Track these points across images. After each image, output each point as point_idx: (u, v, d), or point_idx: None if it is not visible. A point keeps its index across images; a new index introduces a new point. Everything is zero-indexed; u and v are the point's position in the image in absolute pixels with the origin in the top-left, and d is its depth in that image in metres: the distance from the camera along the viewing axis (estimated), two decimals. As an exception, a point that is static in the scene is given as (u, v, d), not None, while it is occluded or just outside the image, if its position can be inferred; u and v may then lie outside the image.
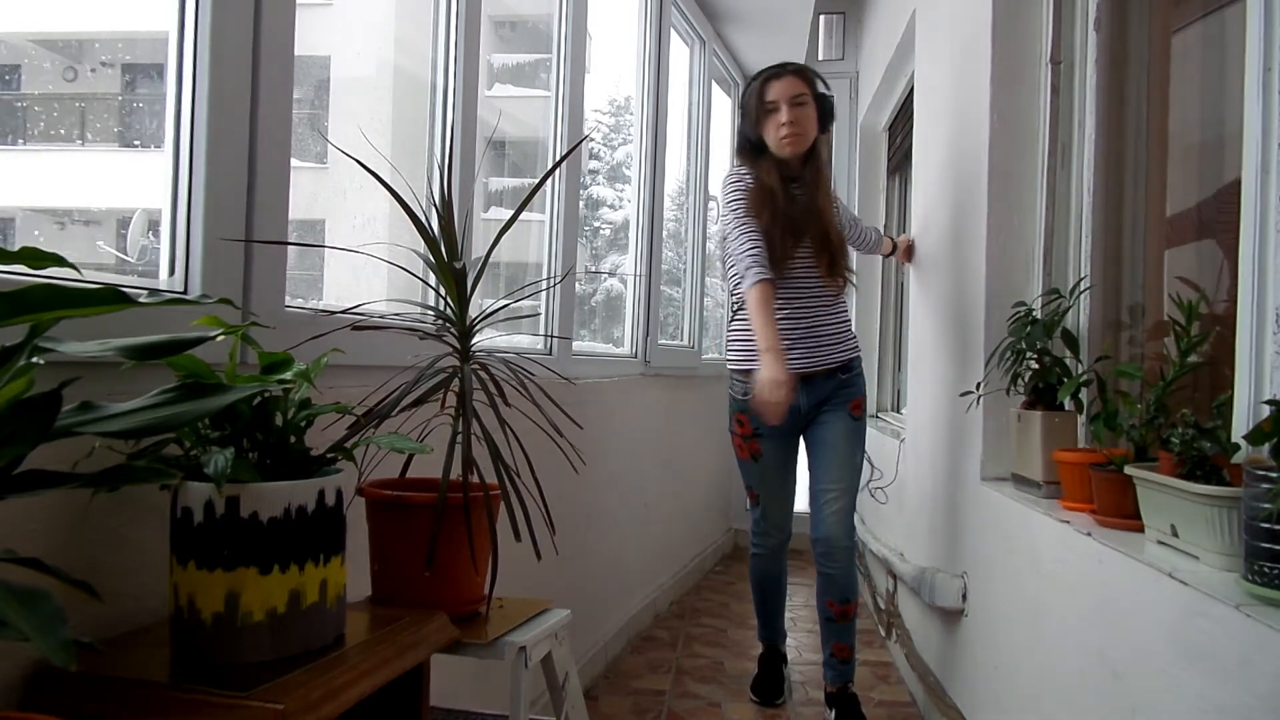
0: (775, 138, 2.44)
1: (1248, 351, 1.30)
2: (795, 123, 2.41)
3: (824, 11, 4.89)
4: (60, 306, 0.72)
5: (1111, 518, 1.57)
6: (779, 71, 2.46)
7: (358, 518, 1.26)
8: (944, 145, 2.75)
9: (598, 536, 2.97)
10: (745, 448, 2.60)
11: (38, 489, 0.77)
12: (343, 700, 0.97)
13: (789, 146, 2.43)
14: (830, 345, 2.51)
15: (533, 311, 2.64)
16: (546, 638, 1.40)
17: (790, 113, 2.40)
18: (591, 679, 2.86)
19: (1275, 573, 1.06)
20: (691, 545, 4.30)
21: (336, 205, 2.16)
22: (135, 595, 1.12)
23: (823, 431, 2.53)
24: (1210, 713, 1.12)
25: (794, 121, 2.40)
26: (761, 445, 2.56)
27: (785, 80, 2.43)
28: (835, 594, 2.50)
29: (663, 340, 3.89)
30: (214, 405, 0.86)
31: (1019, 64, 2.23)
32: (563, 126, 2.74)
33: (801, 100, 2.42)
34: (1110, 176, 2.02)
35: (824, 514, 2.47)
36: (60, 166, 1.80)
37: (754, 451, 2.58)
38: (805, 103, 2.43)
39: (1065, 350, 1.98)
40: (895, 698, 2.82)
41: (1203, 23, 1.81)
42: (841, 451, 2.51)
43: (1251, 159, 1.30)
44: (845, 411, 2.53)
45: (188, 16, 1.26)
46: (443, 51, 2.03)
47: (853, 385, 2.55)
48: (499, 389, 1.33)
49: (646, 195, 3.67)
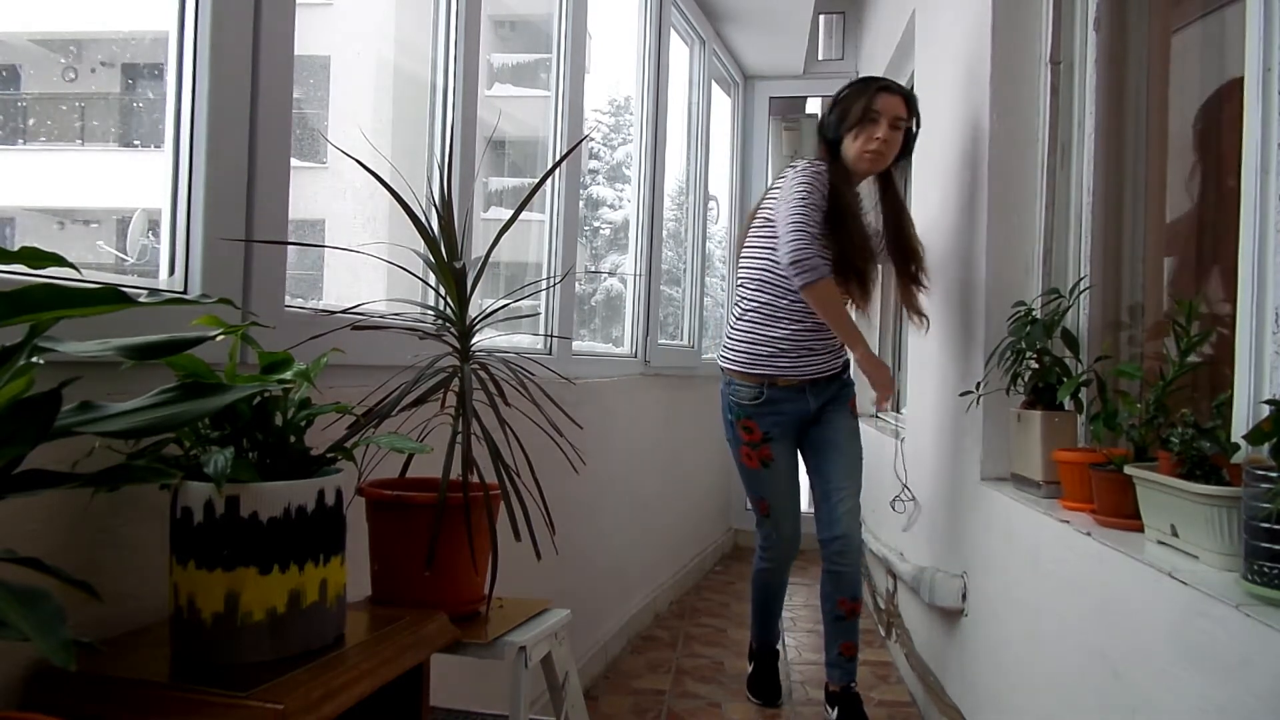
0: (859, 148, 2.40)
1: (1248, 351, 1.30)
2: (887, 142, 2.39)
3: (824, 11, 4.88)
4: (60, 306, 0.72)
5: (1111, 517, 1.57)
6: (895, 88, 2.43)
7: (358, 518, 1.26)
8: (944, 145, 2.75)
9: (598, 536, 2.97)
10: (755, 456, 2.51)
11: (38, 489, 0.77)
12: (343, 700, 0.97)
13: (869, 163, 2.42)
14: (836, 349, 2.53)
15: (533, 311, 2.64)
16: (546, 638, 1.40)
17: (888, 131, 2.38)
18: (591, 679, 2.86)
19: (1275, 573, 1.06)
20: (691, 545, 4.30)
21: (336, 205, 2.16)
22: (135, 595, 1.12)
23: (828, 432, 2.52)
24: (1210, 713, 1.12)
25: (887, 141, 2.39)
26: (772, 450, 2.50)
27: (897, 99, 2.40)
28: (847, 592, 2.49)
29: (662, 340, 3.89)
30: (214, 405, 0.86)
31: (1019, 64, 2.23)
32: (562, 126, 2.74)
33: (900, 124, 2.41)
34: (1110, 176, 2.02)
35: (838, 513, 2.46)
36: (60, 166, 1.80)
37: (764, 458, 2.51)
38: (900, 128, 2.42)
39: (1065, 350, 1.98)
40: (895, 698, 2.82)
41: (1202, 23, 1.81)
42: (849, 452, 2.51)
43: (1251, 159, 1.30)
44: (845, 411, 2.54)
45: (188, 16, 1.26)
46: (443, 51, 2.03)
47: (849, 385, 2.58)
48: (499, 389, 1.34)
49: (646, 195, 3.67)
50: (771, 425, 2.49)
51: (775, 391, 2.47)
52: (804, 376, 2.47)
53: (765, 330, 2.47)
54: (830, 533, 2.47)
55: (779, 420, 2.49)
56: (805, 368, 2.46)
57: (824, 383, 2.50)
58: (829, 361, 2.50)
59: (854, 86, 2.47)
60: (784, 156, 5.09)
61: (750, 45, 4.63)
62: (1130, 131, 2.00)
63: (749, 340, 2.49)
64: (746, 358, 2.49)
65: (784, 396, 2.47)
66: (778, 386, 2.47)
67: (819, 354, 2.48)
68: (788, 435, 2.52)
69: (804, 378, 2.47)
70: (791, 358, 2.45)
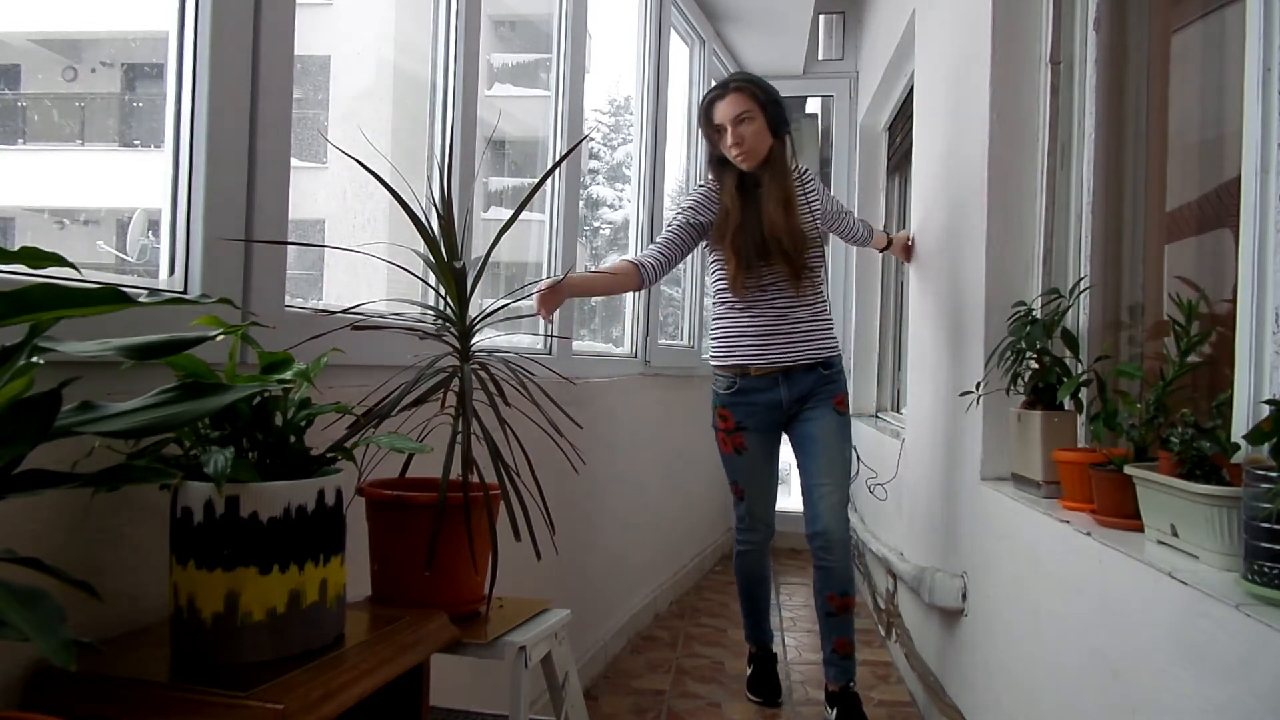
0: (730, 156, 2.50)
1: (1248, 351, 1.30)
2: (741, 142, 2.45)
3: (824, 11, 4.88)
4: (60, 306, 0.72)
5: (1111, 517, 1.57)
6: (721, 91, 2.50)
7: (358, 518, 1.26)
8: (944, 145, 2.75)
9: (598, 536, 2.97)
10: (729, 442, 2.64)
11: (38, 489, 0.77)
12: (343, 700, 0.97)
13: (743, 163, 2.49)
14: (810, 341, 2.55)
15: (533, 311, 2.64)
16: (546, 637, 1.40)
17: (735, 133, 2.45)
18: (591, 679, 2.86)
19: (1275, 573, 1.06)
20: (691, 545, 4.30)
21: (336, 205, 2.16)
22: (135, 595, 1.12)
23: (810, 428, 2.55)
24: (1210, 712, 1.12)
25: (739, 141, 2.45)
26: (745, 439, 2.61)
27: (727, 100, 2.47)
28: (835, 586, 2.51)
29: (662, 340, 3.89)
30: (214, 405, 0.86)
31: (1019, 64, 2.23)
32: (563, 126, 2.74)
33: (745, 117, 2.45)
34: (1110, 176, 2.02)
35: (819, 508, 2.50)
36: (60, 166, 1.80)
37: (737, 445, 2.63)
38: (750, 118, 2.45)
39: (1065, 350, 1.98)
40: (895, 698, 2.82)
41: (1202, 23, 1.81)
42: (832, 447, 2.53)
43: (1251, 159, 1.30)
44: (830, 407, 2.55)
45: (188, 16, 1.26)
46: (443, 51, 2.03)
47: (834, 381, 2.59)
48: (499, 389, 1.34)
49: (646, 195, 3.67)
50: (745, 415, 2.58)
51: (748, 381, 2.56)
52: (775, 365, 2.52)
53: (732, 320, 2.57)
54: (813, 528, 2.51)
55: (752, 410, 2.57)
56: (775, 356, 2.52)
57: (799, 373, 2.53)
58: (802, 351, 2.53)
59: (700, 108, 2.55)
60: (784, 156, 5.08)
61: (750, 45, 4.63)
62: (1130, 131, 2.00)
63: (721, 330, 2.61)
64: (721, 348, 2.62)
65: (757, 386, 2.55)
66: (750, 376, 2.55)
67: (790, 342, 2.52)
68: (762, 426, 2.59)
69: (775, 366, 2.52)
70: (760, 345, 2.53)
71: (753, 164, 2.49)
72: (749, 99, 2.46)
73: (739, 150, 2.46)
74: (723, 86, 2.51)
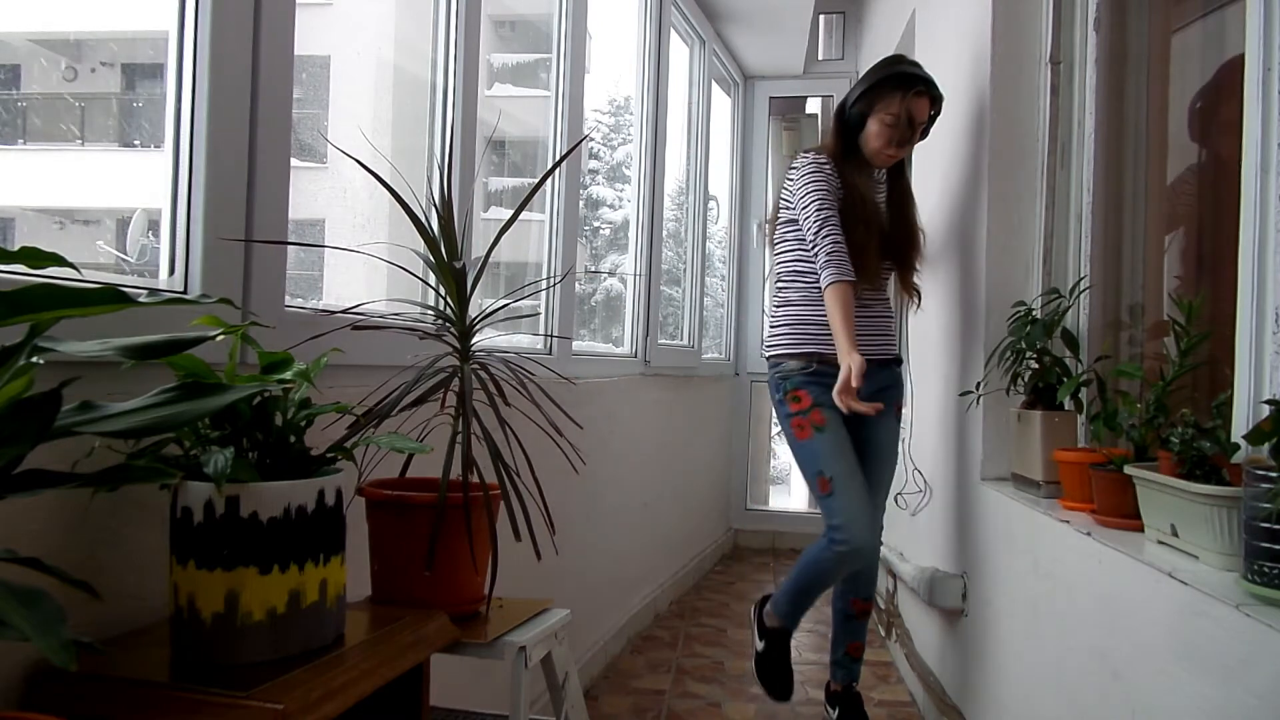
0: (878, 145, 2.35)
1: (1248, 351, 1.30)
2: (905, 145, 2.35)
3: (824, 11, 4.88)
4: (60, 306, 0.72)
5: (1111, 517, 1.57)
6: (924, 91, 2.34)
7: (358, 518, 1.26)
8: (944, 145, 2.75)
9: (598, 536, 2.97)
10: (806, 423, 2.36)
11: (38, 489, 0.77)
12: (343, 700, 0.97)
13: (886, 161, 2.39)
14: (887, 335, 2.48)
15: (532, 311, 2.64)
16: (546, 638, 1.40)
17: (905, 134, 2.33)
18: (591, 679, 2.86)
19: (1275, 573, 1.06)
20: (691, 545, 4.30)
21: (336, 205, 2.16)
22: (135, 595, 1.12)
23: (878, 433, 2.44)
24: (1210, 713, 1.12)
25: (904, 143, 2.35)
26: (824, 415, 2.32)
27: (923, 102, 2.34)
28: (862, 592, 2.48)
29: (662, 340, 3.89)
30: (214, 405, 0.86)
31: (1019, 64, 2.23)
32: (563, 126, 2.74)
33: (921, 124, 2.36)
34: (1110, 176, 2.02)
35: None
36: (60, 166, 1.80)
37: (816, 423, 2.33)
38: (922, 126, 2.38)
39: (1065, 350, 1.98)
40: (895, 698, 2.82)
41: (1202, 23, 1.81)
42: (891, 459, 2.48)
43: (1251, 159, 1.30)
44: (893, 414, 2.46)
45: (188, 16, 1.26)
46: (443, 51, 2.03)
47: (899, 384, 2.50)
48: (499, 389, 1.33)
49: (646, 195, 3.67)
50: (821, 393, 2.33)
51: (825, 366, 2.35)
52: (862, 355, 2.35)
53: (809, 311, 2.41)
54: None
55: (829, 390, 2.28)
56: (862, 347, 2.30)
57: (875, 367, 2.37)
58: (877, 344, 2.43)
59: (888, 78, 2.35)
60: (784, 156, 5.09)
61: (750, 45, 4.63)
62: (1130, 131, 2.00)
63: (794, 321, 2.44)
64: (793, 337, 2.43)
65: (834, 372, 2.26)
66: (827, 363, 2.35)
67: (872, 334, 2.42)
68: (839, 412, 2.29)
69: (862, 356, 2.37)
70: None
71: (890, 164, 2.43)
72: (929, 109, 2.37)
73: (900, 151, 2.36)
74: (927, 86, 2.34)
